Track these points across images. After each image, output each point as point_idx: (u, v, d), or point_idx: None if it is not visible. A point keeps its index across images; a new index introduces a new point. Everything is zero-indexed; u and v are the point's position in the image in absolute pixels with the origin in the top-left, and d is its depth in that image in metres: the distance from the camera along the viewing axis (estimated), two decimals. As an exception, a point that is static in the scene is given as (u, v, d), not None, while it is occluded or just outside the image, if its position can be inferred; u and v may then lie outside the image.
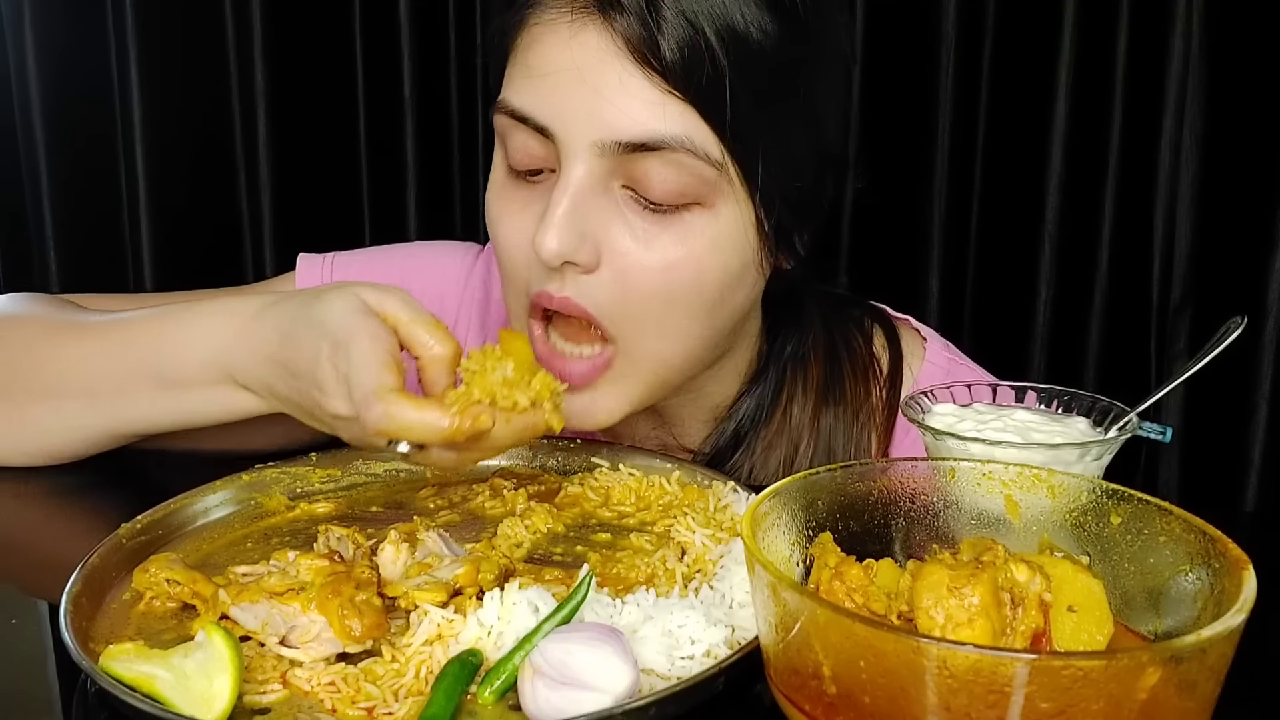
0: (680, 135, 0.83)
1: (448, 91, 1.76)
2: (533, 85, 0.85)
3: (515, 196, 0.90)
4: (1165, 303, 1.57)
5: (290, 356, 0.82)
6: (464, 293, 1.14)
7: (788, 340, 1.04)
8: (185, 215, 1.76)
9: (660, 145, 0.83)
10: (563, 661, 0.59)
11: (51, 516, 0.96)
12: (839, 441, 1.02)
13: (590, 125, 0.83)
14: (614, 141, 0.83)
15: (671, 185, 0.84)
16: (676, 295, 0.88)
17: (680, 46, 0.81)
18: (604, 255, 0.86)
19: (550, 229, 0.83)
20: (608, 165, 0.84)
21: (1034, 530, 0.66)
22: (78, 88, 1.70)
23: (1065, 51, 1.54)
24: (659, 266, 0.86)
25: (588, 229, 0.85)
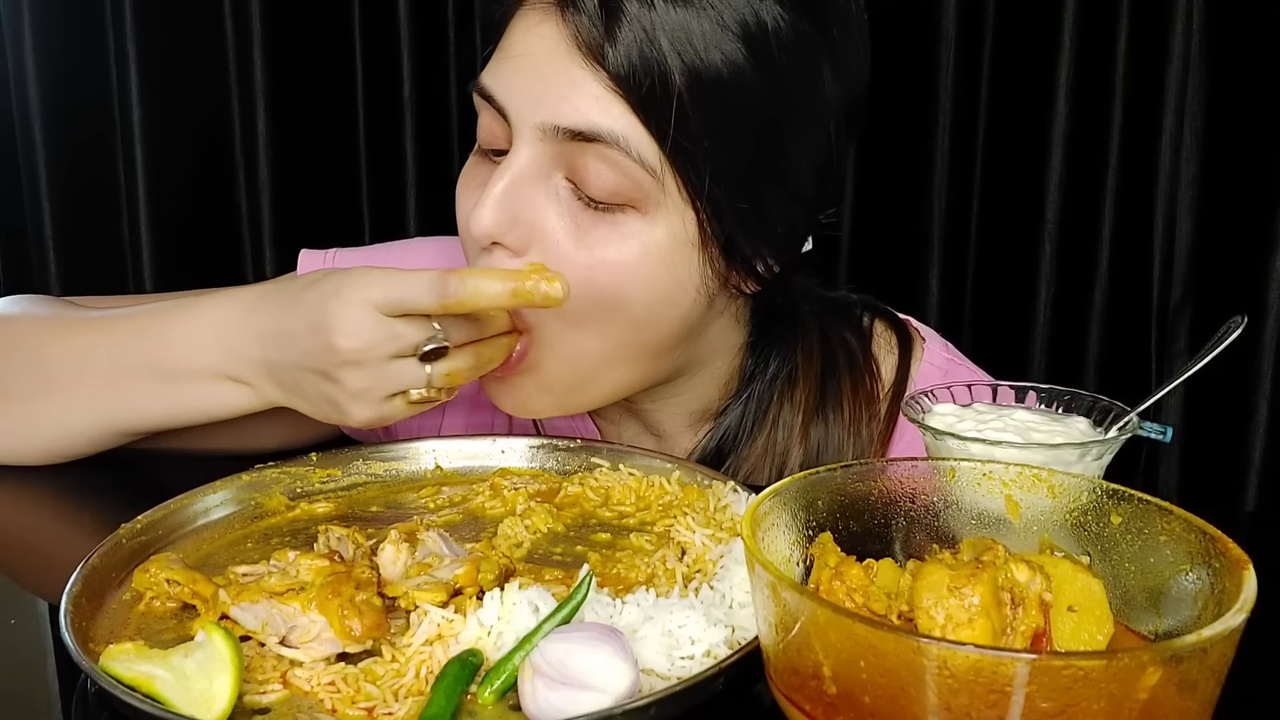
0: (617, 133, 0.84)
1: (448, 91, 1.76)
2: (499, 66, 0.89)
3: (477, 174, 0.93)
4: (1165, 302, 1.57)
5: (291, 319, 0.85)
6: None
7: (774, 357, 1.03)
8: (185, 215, 1.76)
9: (597, 138, 0.84)
10: (563, 661, 0.59)
11: (51, 516, 0.96)
12: (829, 454, 1.02)
13: (535, 109, 0.85)
14: (554, 126, 0.84)
15: (607, 182, 0.85)
16: (599, 294, 0.88)
17: (629, 50, 0.82)
18: (533, 242, 0.88)
19: (485, 206, 0.86)
20: (550, 152, 0.86)
21: (1034, 530, 0.66)
22: (77, 88, 1.70)
23: (1065, 50, 1.54)
24: (585, 261, 0.87)
25: (521, 213, 0.87)
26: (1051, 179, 1.58)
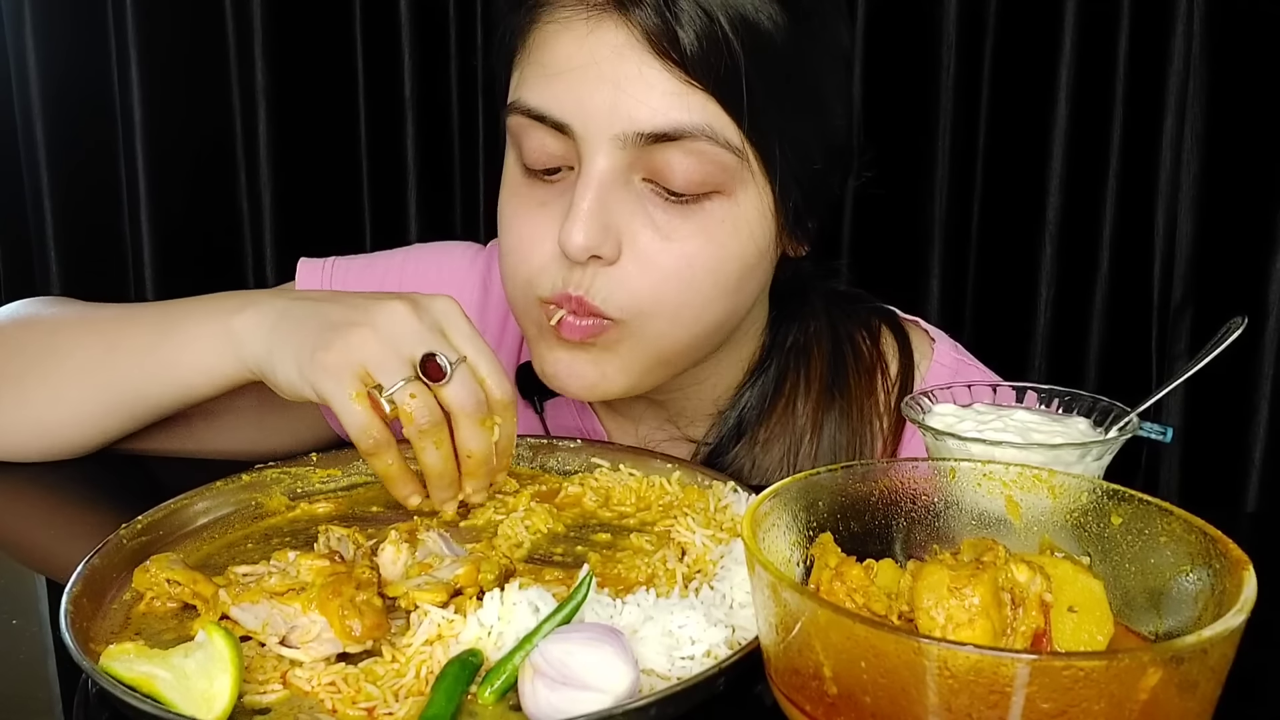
0: (701, 124, 0.84)
1: (448, 91, 1.76)
2: (549, 83, 0.86)
3: (531, 196, 0.91)
4: (1166, 303, 1.57)
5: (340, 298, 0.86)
6: (462, 293, 1.15)
7: (790, 331, 1.05)
8: (186, 215, 1.76)
9: (681, 135, 0.84)
10: (563, 662, 0.59)
11: (51, 517, 0.96)
12: (842, 439, 1.02)
13: (611, 119, 0.84)
14: (635, 133, 0.84)
15: (693, 174, 0.85)
16: (696, 284, 0.89)
17: (698, 37, 0.82)
18: (625, 248, 0.87)
19: (577, 223, 0.85)
20: (628, 158, 0.85)
21: (1034, 531, 0.66)
22: (78, 88, 1.70)
23: (1066, 51, 1.54)
24: (680, 257, 0.87)
25: (611, 222, 0.86)
26: (1052, 179, 1.58)
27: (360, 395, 0.80)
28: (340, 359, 0.80)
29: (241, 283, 1.78)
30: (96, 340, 0.96)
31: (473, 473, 0.83)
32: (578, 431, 1.11)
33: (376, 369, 0.80)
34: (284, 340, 0.85)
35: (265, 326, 0.87)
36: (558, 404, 1.10)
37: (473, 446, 0.82)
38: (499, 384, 0.83)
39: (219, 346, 0.89)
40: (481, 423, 0.82)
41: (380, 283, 1.15)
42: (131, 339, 0.94)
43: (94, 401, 0.96)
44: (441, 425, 0.81)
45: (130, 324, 0.96)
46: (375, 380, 0.80)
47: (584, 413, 1.12)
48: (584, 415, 1.12)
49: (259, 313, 0.88)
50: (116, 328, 0.96)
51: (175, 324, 0.93)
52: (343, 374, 0.80)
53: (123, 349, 0.94)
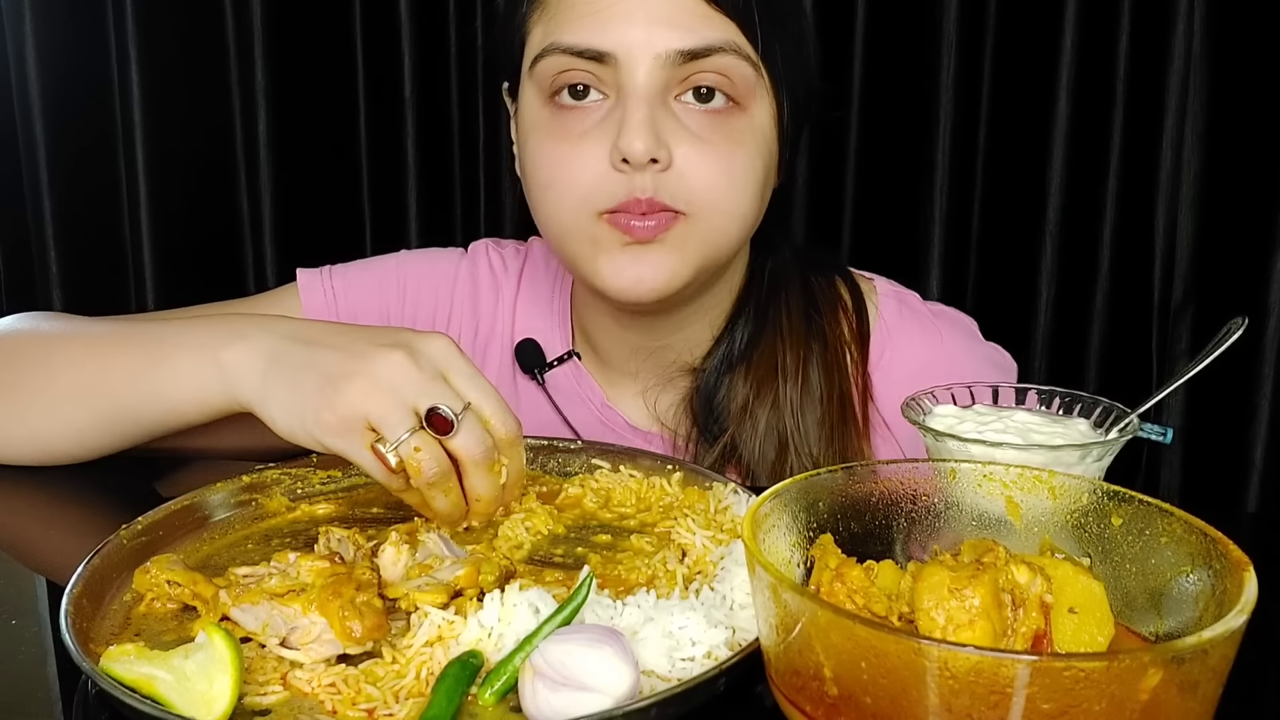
0: (726, 40, 0.97)
1: (448, 91, 1.76)
2: (588, 21, 0.96)
3: (566, 129, 1.00)
4: (1166, 303, 1.57)
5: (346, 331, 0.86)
6: (455, 286, 1.21)
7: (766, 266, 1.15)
8: (186, 215, 1.76)
9: (710, 50, 0.96)
10: (563, 663, 0.59)
11: (52, 518, 0.96)
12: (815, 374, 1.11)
13: (650, 42, 0.95)
14: (675, 51, 0.96)
15: (723, 87, 0.98)
16: (739, 181, 1.00)
17: None
18: (674, 154, 0.98)
19: (634, 131, 0.95)
20: (665, 77, 0.96)
21: (1035, 531, 0.66)
22: (78, 88, 1.70)
23: (1066, 51, 1.54)
24: (722, 157, 0.99)
25: (660, 131, 0.97)
26: (1052, 179, 1.58)
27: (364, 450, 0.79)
28: (344, 416, 0.79)
29: (241, 282, 1.78)
30: (89, 357, 0.96)
31: (481, 512, 0.84)
32: (576, 395, 1.16)
33: (379, 422, 0.78)
34: (279, 387, 0.84)
35: (258, 368, 0.85)
36: (556, 374, 1.17)
37: (482, 492, 0.82)
38: (504, 422, 0.82)
39: (208, 379, 0.88)
40: (490, 467, 0.81)
41: (380, 286, 1.19)
42: (124, 360, 0.94)
43: (86, 419, 0.96)
44: (449, 474, 0.80)
45: (123, 345, 0.95)
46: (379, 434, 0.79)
47: (581, 378, 1.17)
48: (581, 380, 1.16)
49: (249, 349, 0.86)
50: (109, 347, 0.96)
51: (166, 352, 0.92)
52: (349, 432, 0.79)
53: (114, 370, 0.94)
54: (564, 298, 1.20)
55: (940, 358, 1.14)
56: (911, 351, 1.14)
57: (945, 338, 1.16)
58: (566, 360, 1.17)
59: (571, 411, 1.15)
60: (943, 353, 1.14)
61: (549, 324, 1.19)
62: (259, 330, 0.88)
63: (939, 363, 1.12)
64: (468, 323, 1.20)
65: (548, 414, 1.15)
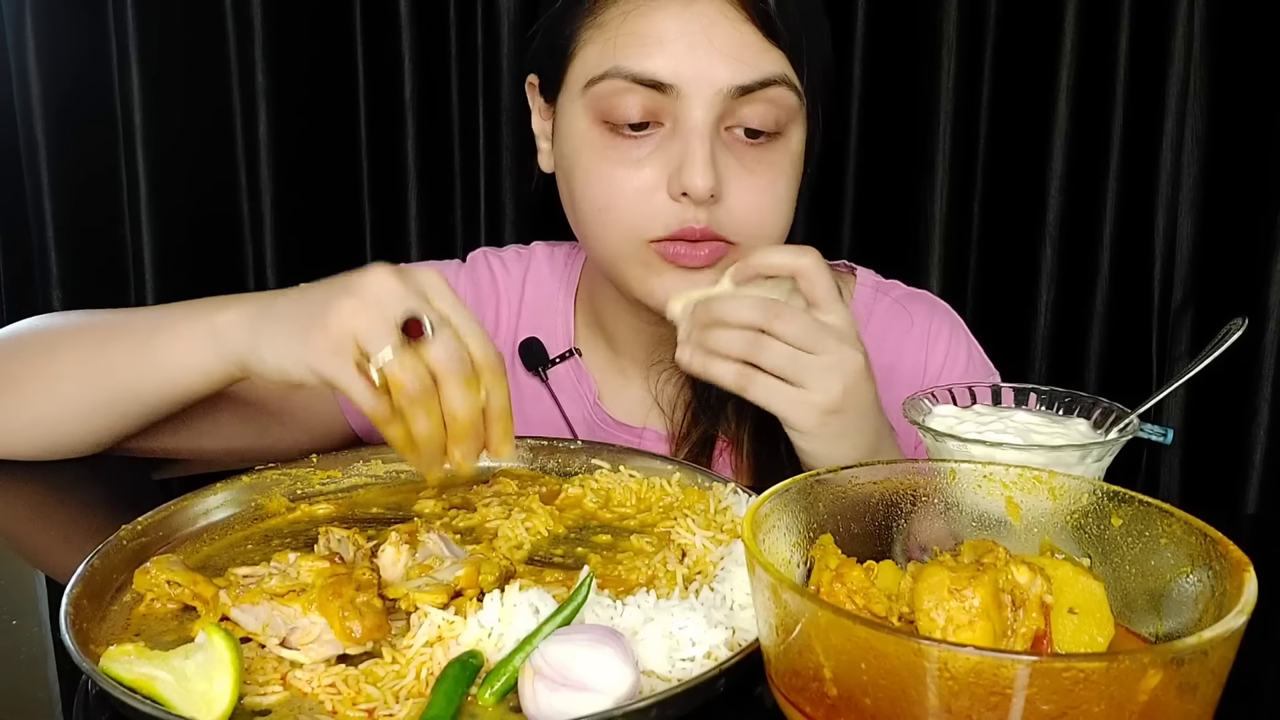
0: (780, 73, 0.99)
1: (448, 91, 1.76)
2: (655, 51, 0.98)
3: (622, 155, 1.01)
4: (1166, 304, 1.57)
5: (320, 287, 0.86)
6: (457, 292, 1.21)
7: None
8: (187, 216, 1.76)
9: (766, 84, 0.98)
10: (563, 663, 0.59)
11: (52, 518, 0.96)
12: None
13: (712, 77, 0.97)
14: (735, 87, 0.97)
15: (769, 117, 1.00)
16: (781, 207, 1.04)
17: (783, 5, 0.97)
18: (725, 189, 1.01)
19: (698, 169, 0.97)
20: (721, 109, 0.98)
21: (1035, 532, 0.66)
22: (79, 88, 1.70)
23: (1066, 52, 1.54)
24: (768, 185, 1.03)
25: (716, 164, 0.99)
26: (1052, 181, 1.58)
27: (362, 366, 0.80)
28: (333, 335, 0.80)
29: (241, 282, 1.78)
30: (90, 339, 0.98)
31: (459, 437, 0.82)
32: (575, 392, 1.18)
33: (364, 338, 0.80)
34: (269, 327, 0.86)
35: (246, 318, 0.88)
36: (557, 371, 1.19)
37: (457, 407, 0.81)
38: (482, 346, 0.83)
39: (202, 343, 0.90)
40: (467, 382, 0.81)
41: None
42: (123, 337, 0.96)
43: (87, 398, 0.97)
44: (431, 392, 0.81)
45: (123, 324, 0.99)
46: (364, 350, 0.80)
47: (580, 375, 1.19)
48: (580, 377, 1.19)
49: (241, 308, 0.90)
50: (110, 328, 0.99)
51: (164, 323, 0.95)
52: (339, 353, 0.80)
53: (114, 346, 0.96)
54: (569, 299, 1.22)
55: (905, 338, 1.18)
56: (879, 332, 1.17)
57: (916, 320, 1.19)
58: (568, 358, 1.19)
59: (570, 408, 1.17)
60: (908, 333, 1.18)
61: (553, 324, 1.21)
62: (253, 295, 0.92)
63: (903, 343, 1.17)
64: None
65: (548, 410, 1.17)
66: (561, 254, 1.26)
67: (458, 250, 1.78)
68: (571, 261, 1.24)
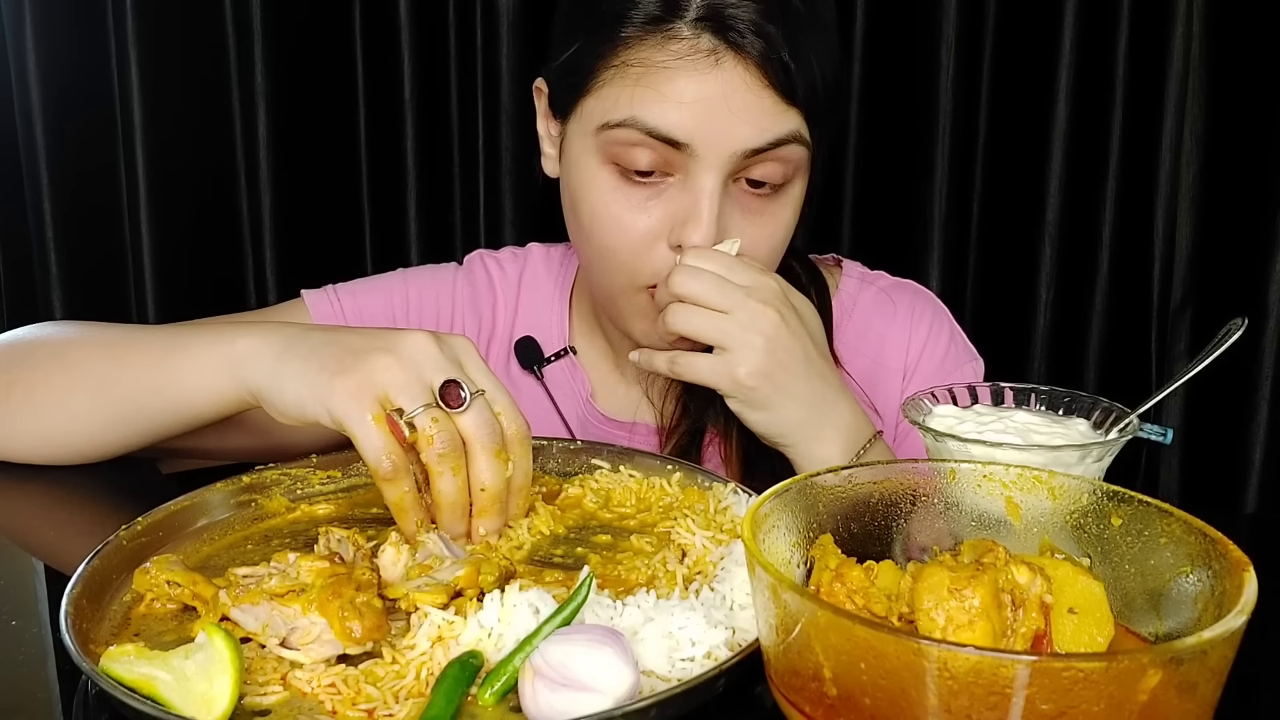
0: (793, 131, 0.99)
1: (448, 92, 1.76)
2: (673, 110, 0.97)
3: (631, 201, 1.02)
4: (1166, 304, 1.57)
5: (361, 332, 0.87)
6: (455, 293, 1.24)
7: None
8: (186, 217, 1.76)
9: (779, 144, 0.99)
10: (563, 663, 0.59)
11: (51, 518, 0.96)
12: None
13: (728, 140, 0.97)
14: (749, 150, 0.98)
15: (779, 172, 1.01)
16: (774, 257, 1.06)
17: (797, 62, 0.96)
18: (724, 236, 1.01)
19: (703, 231, 0.99)
20: (730, 167, 0.99)
21: (1035, 532, 0.66)
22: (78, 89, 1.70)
23: (1066, 52, 1.54)
24: (768, 238, 1.04)
25: (721, 222, 1.00)
26: (1052, 181, 1.58)
27: (379, 418, 0.80)
28: (361, 382, 0.80)
29: (241, 282, 1.78)
30: (105, 354, 0.97)
31: (485, 509, 0.83)
32: (568, 390, 1.20)
33: (398, 393, 0.80)
34: (293, 366, 0.85)
35: (271, 350, 0.87)
36: (552, 369, 1.21)
37: (487, 479, 0.81)
38: (514, 419, 0.83)
39: (219, 367, 0.89)
40: (497, 454, 0.82)
41: (387, 296, 1.22)
42: (139, 354, 0.96)
43: (99, 413, 0.97)
44: (460, 452, 0.81)
45: (139, 341, 0.98)
46: (395, 405, 0.80)
47: (574, 373, 1.21)
48: (574, 375, 1.21)
49: (265, 337, 0.88)
50: (125, 344, 0.98)
51: (181, 343, 0.94)
52: (363, 396, 0.80)
53: (129, 364, 0.95)
54: (564, 297, 1.24)
55: (889, 327, 1.19)
56: (864, 321, 1.19)
57: (900, 309, 1.20)
58: (562, 356, 1.21)
59: (564, 405, 1.19)
60: (891, 322, 1.20)
61: (549, 321, 1.23)
62: (278, 324, 0.91)
63: (887, 331, 1.19)
64: (470, 324, 1.24)
65: (543, 407, 1.18)
66: (557, 254, 1.27)
67: (456, 250, 1.78)
68: (567, 262, 1.26)
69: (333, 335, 0.86)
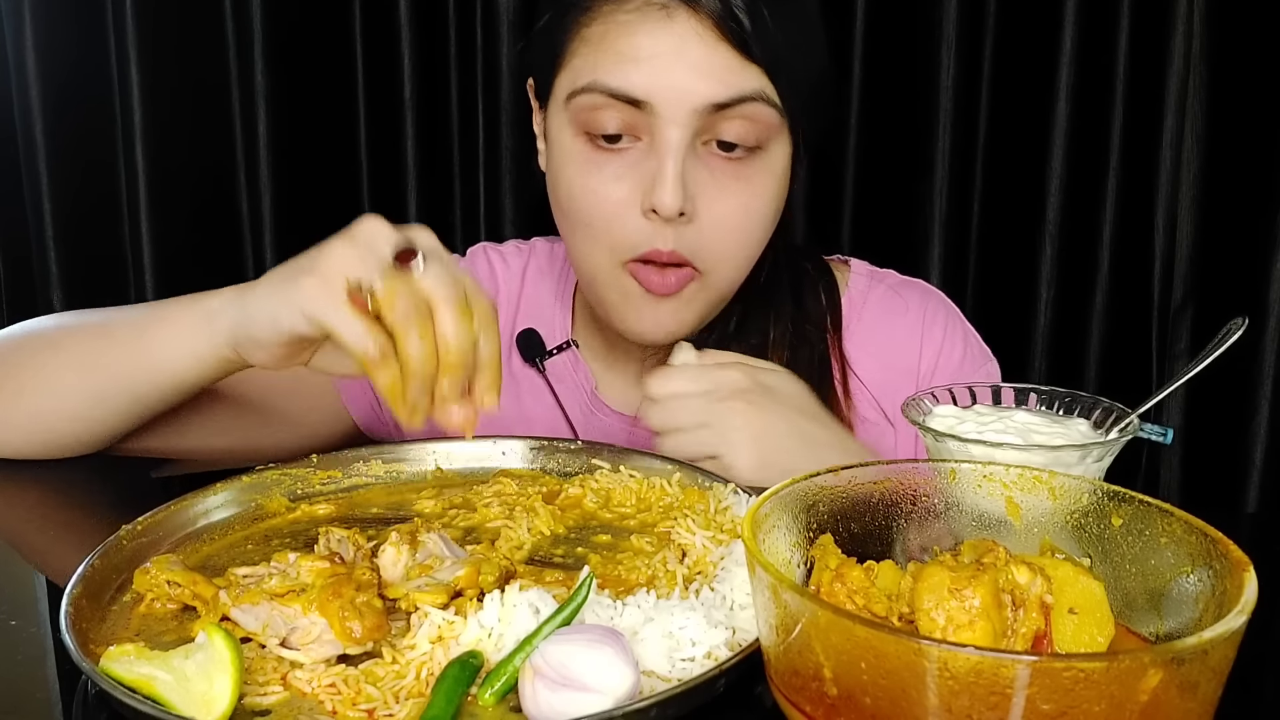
0: (757, 89, 0.99)
1: (448, 91, 1.76)
2: (631, 68, 0.98)
3: (603, 171, 1.02)
4: (1166, 303, 1.57)
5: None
6: None
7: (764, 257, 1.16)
8: (186, 216, 1.76)
9: (742, 100, 0.98)
10: (563, 663, 0.59)
11: (51, 518, 0.96)
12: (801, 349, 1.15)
13: (688, 95, 0.97)
14: (710, 104, 0.98)
15: (748, 134, 1.00)
16: (751, 230, 1.05)
17: (751, 19, 0.97)
18: (698, 207, 1.01)
19: (667, 188, 0.98)
20: (697, 126, 0.99)
21: (1035, 532, 0.66)
22: (78, 88, 1.70)
23: (1066, 51, 1.54)
24: (739, 207, 1.03)
25: (688, 182, 1.00)
26: (1052, 180, 1.58)
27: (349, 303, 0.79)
28: (324, 273, 0.81)
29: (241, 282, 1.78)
30: (92, 332, 1.00)
31: (451, 366, 0.80)
32: (571, 383, 1.21)
33: (356, 270, 0.80)
34: (258, 290, 0.87)
35: (237, 294, 0.90)
36: (554, 362, 1.21)
37: (451, 334, 0.79)
38: (475, 291, 0.82)
39: (195, 326, 0.92)
40: (460, 310, 0.80)
41: None
42: (121, 328, 0.98)
43: (84, 390, 0.98)
44: (424, 314, 0.79)
45: (122, 317, 1.01)
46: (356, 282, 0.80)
47: (577, 366, 1.21)
48: (577, 368, 1.21)
49: (231, 290, 0.92)
50: (109, 321, 1.00)
51: (162, 313, 0.96)
52: (329, 286, 0.80)
53: (112, 338, 0.98)
54: (568, 290, 1.24)
55: (901, 326, 1.19)
56: (875, 320, 1.19)
57: (911, 307, 1.21)
58: (565, 349, 1.21)
59: (566, 398, 1.19)
60: (904, 321, 1.20)
61: (552, 314, 1.23)
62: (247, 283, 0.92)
63: (899, 330, 1.19)
64: None
65: (545, 401, 1.18)
66: (561, 249, 1.27)
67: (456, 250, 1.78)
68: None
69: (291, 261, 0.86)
